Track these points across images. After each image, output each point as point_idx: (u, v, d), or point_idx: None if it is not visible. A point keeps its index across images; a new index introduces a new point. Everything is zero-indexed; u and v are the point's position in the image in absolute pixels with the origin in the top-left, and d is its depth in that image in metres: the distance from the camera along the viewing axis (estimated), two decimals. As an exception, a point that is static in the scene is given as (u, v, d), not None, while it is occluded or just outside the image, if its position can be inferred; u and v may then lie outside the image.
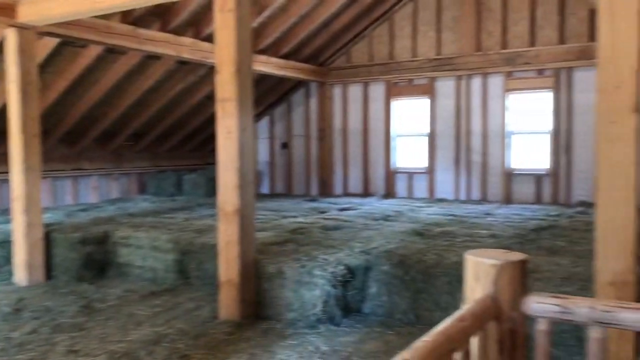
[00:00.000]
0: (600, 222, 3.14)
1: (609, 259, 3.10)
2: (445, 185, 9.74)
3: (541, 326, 1.77)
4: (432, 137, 9.80)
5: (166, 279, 5.63)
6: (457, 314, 1.57)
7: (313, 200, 9.57)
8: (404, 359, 1.22)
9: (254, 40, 8.55)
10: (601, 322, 1.69)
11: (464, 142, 9.50)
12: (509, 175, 9.16)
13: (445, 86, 9.62)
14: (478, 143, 9.37)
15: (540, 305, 1.76)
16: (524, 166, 9.12)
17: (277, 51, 9.28)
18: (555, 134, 8.71)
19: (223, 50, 4.32)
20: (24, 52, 5.59)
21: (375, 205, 8.63)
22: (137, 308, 4.85)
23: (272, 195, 10.77)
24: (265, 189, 11.60)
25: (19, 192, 5.63)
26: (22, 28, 5.53)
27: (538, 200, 8.90)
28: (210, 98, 9.66)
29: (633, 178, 3.07)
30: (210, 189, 9.65)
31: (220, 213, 4.48)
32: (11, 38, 5.56)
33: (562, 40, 8.50)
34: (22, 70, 5.57)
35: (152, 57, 7.77)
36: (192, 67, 8.61)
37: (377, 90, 10.28)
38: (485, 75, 9.22)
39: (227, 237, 4.44)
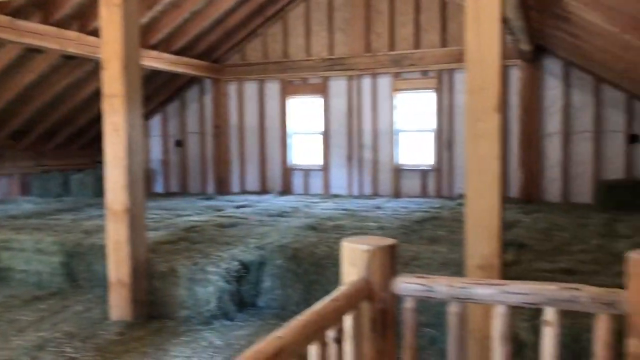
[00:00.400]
0: (470, 211, 3.44)
1: (477, 245, 3.41)
2: (339, 182, 10.04)
3: (408, 304, 1.95)
4: (326, 135, 10.07)
5: (52, 283, 5.39)
6: (331, 295, 1.71)
7: (209, 198, 9.51)
8: (278, 337, 1.33)
9: (145, 36, 8.37)
10: (459, 298, 1.90)
11: (356, 140, 9.85)
12: (398, 171, 9.63)
13: (338, 85, 9.92)
14: (369, 141, 9.76)
15: (407, 285, 1.94)
16: (411, 162, 9.63)
17: (169, 47, 9.10)
18: (439, 132, 9.27)
19: (109, 46, 4.23)
20: None
21: (272, 202, 8.74)
22: (20, 314, 4.62)
23: (167, 195, 10.56)
24: (159, 188, 11.33)
25: None
26: None
27: (424, 193, 9.43)
28: (98, 94, 9.28)
29: (497, 171, 3.39)
30: (100, 188, 9.17)
31: (109, 212, 4.38)
32: None
33: (444, 43, 9.05)
34: None
35: (34, 51, 7.36)
36: (78, 62, 8.24)
37: (273, 88, 10.39)
38: (374, 75, 9.62)
39: (116, 236, 4.35)
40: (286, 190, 10.34)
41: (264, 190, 10.42)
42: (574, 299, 1.74)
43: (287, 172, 10.39)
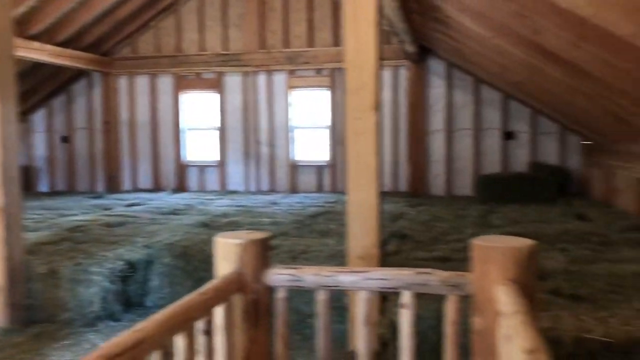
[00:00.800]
0: (350, 205, 3.61)
1: (358, 237, 3.59)
2: (236, 178, 10.02)
3: (280, 294, 2.04)
4: (222, 130, 10.00)
5: None
6: (200, 289, 1.76)
7: (98, 197, 9.15)
8: (137, 330, 1.36)
9: (24, 25, 7.90)
10: (326, 286, 2.02)
11: (253, 136, 9.88)
12: (294, 167, 9.77)
13: (233, 81, 9.88)
14: (265, 137, 9.82)
15: (278, 277, 2.03)
16: (307, 158, 9.80)
17: (52, 38, 8.62)
18: (333, 129, 9.51)
19: (-22, 36, 3.97)
20: None
21: (165, 199, 8.57)
22: None
23: (52, 194, 10.02)
24: (44, 186, 10.72)
25: None
26: None
27: (320, 189, 9.65)
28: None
29: (374, 166, 3.58)
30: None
31: (-19, 213, 4.12)
32: None
33: (336, 42, 9.29)
34: None
35: None
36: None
37: (166, 82, 10.16)
38: (270, 72, 9.68)
39: (-11, 238, 4.11)
40: (181, 187, 10.16)
41: (157, 188, 10.17)
42: (426, 283, 1.91)
43: (182, 168, 10.21)
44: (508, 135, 8.90)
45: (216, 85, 9.95)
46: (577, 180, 8.72)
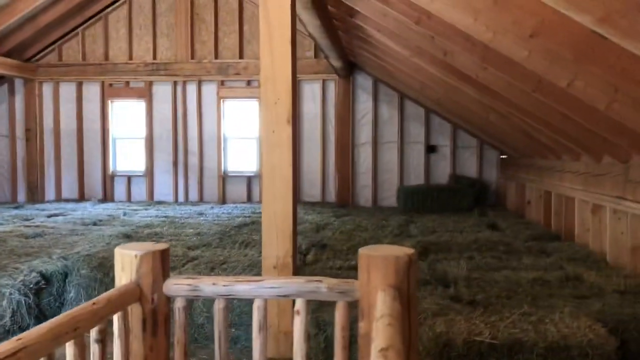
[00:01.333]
0: (265, 215, 3.71)
1: (272, 246, 3.69)
2: (164, 188, 9.92)
3: (178, 304, 2.11)
4: (150, 140, 9.89)
5: None
6: (92, 300, 1.81)
7: (19, 207, 8.84)
8: (18, 339, 1.41)
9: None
10: (223, 295, 2.10)
11: (182, 146, 9.82)
12: (224, 177, 9.78)
13: (162, 90, 9.81)
14: (195, 147, 9.79)
15: (177, 287, 2.11)
16: (236, 169, 9.84)
17: (-31, 42, 8.33)
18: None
19: None
20: None
21: (90, 210, 8.39)
22: None
23: (-32, 203, 9.58)
24: (-41, 196, 10.24)
25: None
26: None
27: (249, 199, 9.70)
28: None
29: (290, 178, 3.70)
30: None
31: None
32: None
33: (266, 54, 9.40)
34: None
35: None
36: None
37: (92, 90, 9.95)
38: (200, 82, 9.68)
39: None
40: (107, 197, 9.95)
41: (82, 198, 9.92)
42: (317, 290, 2.04)
43: (108, 178, 10.01)
44: (431, 149, 9.27)
45: (144, 94, 9.84)
46: (494, 193, 9.19)
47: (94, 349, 1.78)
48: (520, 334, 2.82)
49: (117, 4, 9.69)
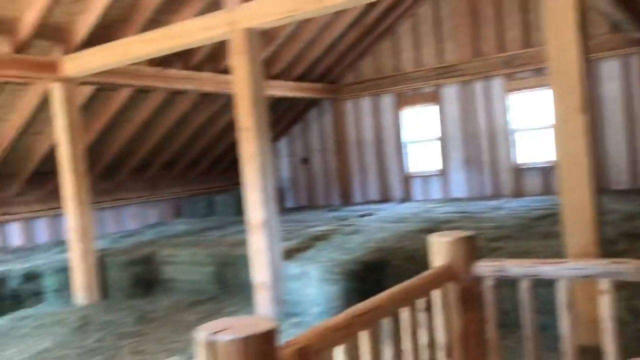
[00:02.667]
0: (564, 205, 3.73)
1: (574, 236, 3.69)
2: (458, 185, 10.30)
3: (487, 283, 2.40)
4: (442, 140, 10.40)
5: (207, 290, 6.34)
6: (418, 276, 2.22)
7: (335, 210, 10.22)
8: (377, 299, 1.87)
9: (268, 67, 9.33)
10: (529, 275, 2.31)
11: (473, 143, 10.07)
12: (517, 170, 9.69)
13: (450, 92, 10.23)
14: (485, 143, 9.93)
15: (485, 268, 2.39)
16: (531, 160, 9.64)
17: (289, 74, 10.02)
18: (557, 128, 9.21)
19: (239, 86, 5.04)
20: (68, 101, 6.42)
21: (393, 209, 9.24)
22: (185, 315, 5.57)
23: (297, 209, 11.46)
24: (290, 203, 12.30)
25: (73, 223, 6.43)
26: (65, 81, 6.37)
27: (546, 191, 9.40)
28: (232, 124, 10.44)
29: (587, 167, 3.65)
30: (240, 207, 10.35)
31: (250, 226, 5.17)
32: (57, 90, 6.39)
33: (554, 40, 9.03)
34: (68, 118, 6.39)
35: (177, 93, 8.58)
36: (213, 98, 9.40)
37: (387, 101, 10.94)
38: (486, 78, 9.80)
39: (256, 246, 5.12)
40: (407, 197, 10.79)
41: (384, 199, 10.96)
42: (622, 271, 2.10)
43: (406, 179, 10.84)
44: None
45: (434, 97, 10.39)
46: None
47: (421, 316, 2.19)
48: None
49: (402, 18, 10.47)
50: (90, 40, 6.44)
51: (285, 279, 5.25)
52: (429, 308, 2.23)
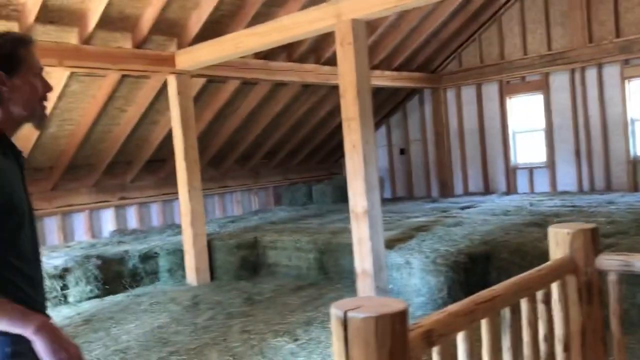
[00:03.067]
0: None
1: None
2: (566, 178, 9.82)
3: (611, 277, 2.30)
4: (549, 131, 9.94)
5: (309, 275, 6.52)
6: (537, 267, 2.18)
7: (434, 201, 10.09)
8: (492, 289, 1.86)
9: (369, 57, 9.34)
10: (657, 271, 2.19)
11: (584, 134, 9.54)
12: (634, 163, 9.07)
13: (559, 80, 9.74)
14: (598, 133, 9.38)
15: (608, 262, 2.29)
16: (649, 153, 9.00)
17: (390, 64, 9.98)
18: (681, 118, 8.53)
19: (345, 78, 5.11)
20: (182, 93, 6.81)
21: (496, 201, 8.98)
22: (289, 299, 5.76)
23: (394, 199, 11.43)
24: (387, 193, 12.29)
25: (186, 208, 6.83)
26: (180, 74, 6.75)
27: (667, 185, 8.75)
28: (331, 114, 10.60)
29: None
30: (337, 196, 10.55)
31: (352, 214, 5.24)
32: (172, 83, 6.79)
33: (679, 22, 8.35)
34: (182, 109, 6.78)
35: (280, 85, 8.83)
36: (314, 89, 9.57)
37: (491, 90, 10.61)
38: (600, 65, 9.24)
39: (359, 234, 5.19)
40: (510, 189, 10.43)
41: (487, 191, 10.66)
42: None
43: (510, 171, 10.48)
44: None
45: (541, 86, 9.95)
46: None
47: (541, 308, 2.14)
48: None
49: (509, 3, 10.09)
50: (202, 35, 6.79)
51: (387, 268, 5.28)
52: (548, 300, 2.18)
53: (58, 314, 5.75)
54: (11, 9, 5.49)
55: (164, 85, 7.18)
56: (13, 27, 5.60)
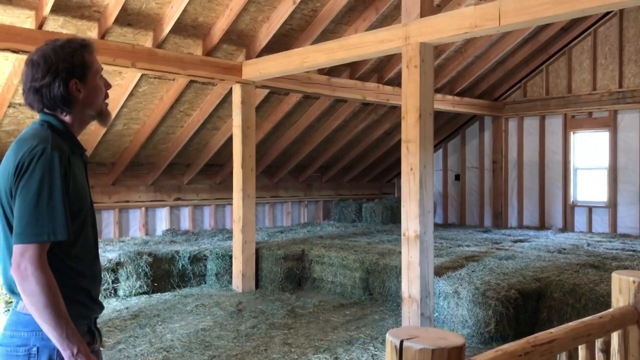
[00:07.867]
0: None
1: None
2: (627, 220, 9.43)
3: (678, 333, 2.19)
4: (613, 170, 9.60)
5: (353, 294, 6.49)
6: (599, 314, 2.10)
7: (486, 231, 9.87)
8: (550, 332, 1.81)
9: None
10: None
11: (650, 176, 9.16)
12: (703, 212, 8.64)
13: (628, 119, 9.41)
14: (666, 177, 8.99)
15: (676, 316, 2.19)
16: None
17: (452, 89, 9.89)
18: None
19: (408, 100, 5.10)
20: (245, 102, 6.95)
21: (551, 238, 8.71)
22: (332, 316, 5.75)
23: (445, 225, 11.25)
24: (438, 218, 12.11)
25: (238, 215, 6.94)
26: (245, 83, 6.91)
27: None
28: (388, 134, 10.58)
29: None
30: (387, 216, 10.48)
31: (404, 237, 5.20)
32: (237, 91, 6.95)
33: None
34: (244, 117, 6.92)
35: (340, 101, 8.88)
36: (373, 107, 9.59)
37: (554, 123, 10.35)
38: (674, 106, 8.88)
39: (409, 258, 5.13)
40: (567, 227, 10.10)
41: (542, 226, 10.36)
42: None
43: (568, 208, 10.16)
44: None
45: (608, 123, 9.63)
46: None
47: (599, 356, 2.07)
48: None
49: (581, 37, 9.84)
50: (269, 47, 6.93)
51: (435, 295, 5.20)
52: (607, 350, 2.10)
53: (107, 306, 5.94)
54: (94, 10, 5.76)
55: (229, 93, 7.37)
56: (93, 27, 5.88)
